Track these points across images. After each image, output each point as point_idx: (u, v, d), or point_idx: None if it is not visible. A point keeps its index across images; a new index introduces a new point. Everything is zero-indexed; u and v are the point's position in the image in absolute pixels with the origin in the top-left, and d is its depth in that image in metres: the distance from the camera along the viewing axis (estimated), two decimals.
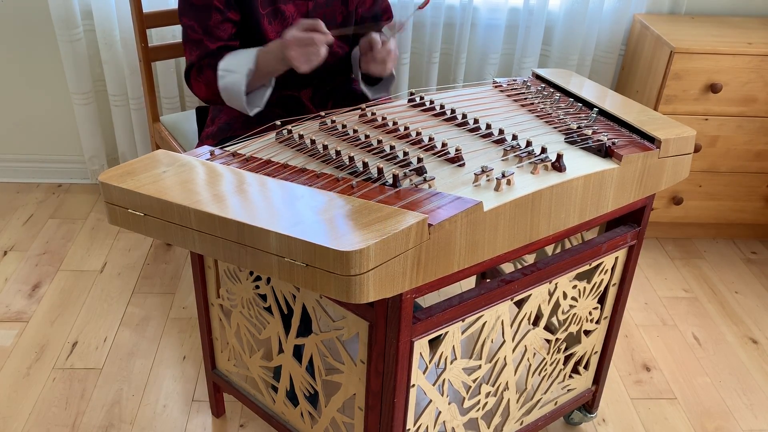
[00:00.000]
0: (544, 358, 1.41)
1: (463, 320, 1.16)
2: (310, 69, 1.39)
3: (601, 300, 1.46)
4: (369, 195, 1.03)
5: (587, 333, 1.47)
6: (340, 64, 1.67)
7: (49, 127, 2.50)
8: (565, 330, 1.41)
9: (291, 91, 1.65)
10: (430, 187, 1.07)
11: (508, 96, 1.46)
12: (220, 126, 1.64)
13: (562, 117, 1.35)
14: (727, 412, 1.75)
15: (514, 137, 1.23)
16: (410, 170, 1.10)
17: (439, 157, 1.17)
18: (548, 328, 1.56)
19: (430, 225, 0.96)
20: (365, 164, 1.10)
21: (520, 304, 1.27)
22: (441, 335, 1.15)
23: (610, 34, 2.33)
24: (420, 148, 1.21)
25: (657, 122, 1.31)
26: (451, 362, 1.21)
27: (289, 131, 1.25)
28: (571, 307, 1.38)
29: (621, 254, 1.40)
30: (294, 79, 1.58)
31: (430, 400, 1.23)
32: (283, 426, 1.43)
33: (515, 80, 1.54)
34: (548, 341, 1.39)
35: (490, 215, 1.04)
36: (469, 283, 2.11)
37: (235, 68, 1.44)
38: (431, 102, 1.40)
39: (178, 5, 1.53)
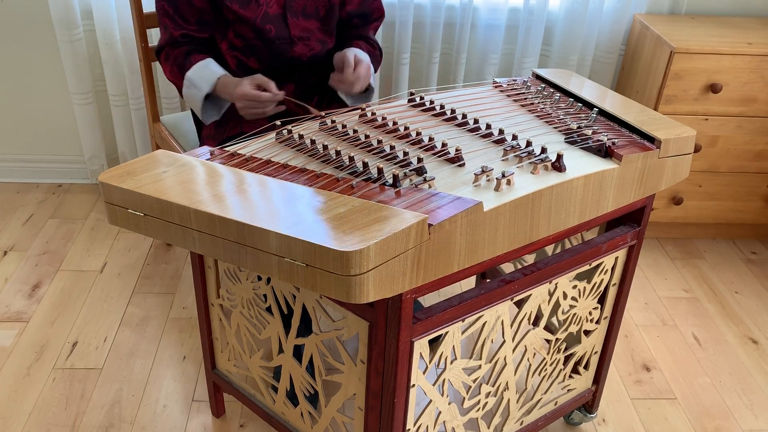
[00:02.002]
0: (544, 358, 1.41)
1: (463, 320, 1.16)
2: (254, 119, 1.53)
3: (601, 300, 1.46)
4: (369, 195, 1.03)
5: (587, 333, 1.47)
6: (321, 59, 1.65)
7: (49, 127, 2.50)
8: (565, 330, 1.41)
9: None
10: (430, 187, 1.07)
11: (508, 96, 1.46)
12: (215, 125, 1.65)
13: (562, 117, 1.35)
14: (727, 412, 1.75)
15: (514, 137, 1.23)
16: (410, 170, 1.10)
17: (439, 157, 1.17)
18: (548, 328, 1.56)
19: (430, 225, 0.96)
20: (365, 164, 1.10)
21: (520, 304, 1.27)
22: (441, 335, 1.15)
23: (610, 34, 2.33)
24: (420, 148, 1.21)
25: (657, 122, 1.31)
26: (451, 362, 1.21)
27: (289, 131, 1.25)
28: (571, 307, 1.38)
29: (621, 254, 1.40)
30: (274, 76, 1.58)
31: (430, 400, 1.23)
32: (283, 426, 1.43)
33: (515, 80, 1.54)
34: (548, 341, 1.39)
35: (490, 215, 1.04)
36: (469, 283, 2.11)
37: (197, 85, 1.55)
38: (431, 102, 1.40)
39: None
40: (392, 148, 1.18)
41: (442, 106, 1.38)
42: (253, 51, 1.58)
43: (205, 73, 1.55)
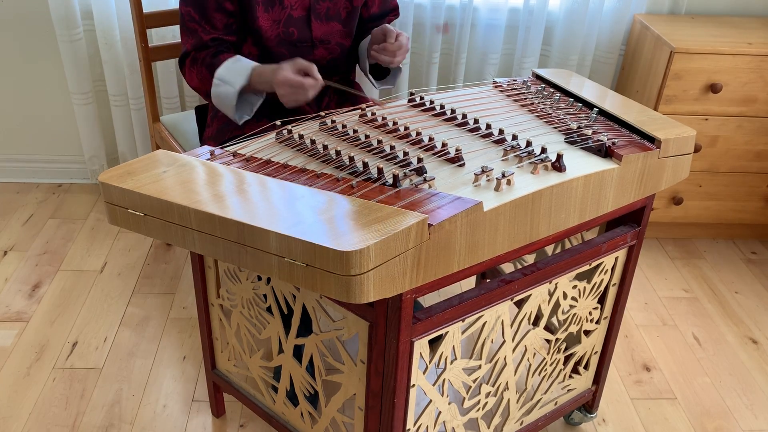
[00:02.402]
0: (544, 358, 1.41)
1: (463, 320, 1.16)
2: (296, 106, 1.44)
3: (601, 300, 1.46)
4: (369, 195, 1.03)
5: (587, 333, 1.47)
6: (337, 62, 1.66)
7: (49, 127, 2.50)
8: (565, 330, 1.41)
9: None
10: (430, 187, 1.07)
11: (508, 96, 1.46)
12: (220, 127, 1.64)
13: (562, 117, 1.35)
14: (727, 412, 1.75)
15: (514, 137, 1.23)
16: (410, 170, 1.10)
17: (439, 157, 1.17)
18: (548, 328, 1.56)
19: (430, 225, 0.96)
20: (365, 164, 1.10)
21: (520, 304, 1.27)
22: (441, 335, 1.15)
23: (610, 34, 2.33)
24: (420, 148, 1.21)
25: (657, 122, 1.31)
26: (451, 362, 1.21)
27: (289, 131, 1.25)
28: (571, 307, 1.38)
29: (621, 254, 1.40)
30: None
31: (430, 400, 1.23)
32: (283, 426, 1.43)
33: (515, 80, 1.54)
34: (548, 341, 1.39)
35: (490, 215, 1.04)
36: (469, 283, 2.11)
37: (230, 81, 1.47)
38: (431, 102, 1.40)
39: None
40: (392, 148, 1.18)
41: (442, 106, 1.38)
42: (270, 58, 1.57)
43: (237, 66, 1.48)
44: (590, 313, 1.44)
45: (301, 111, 1.66)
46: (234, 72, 1.47)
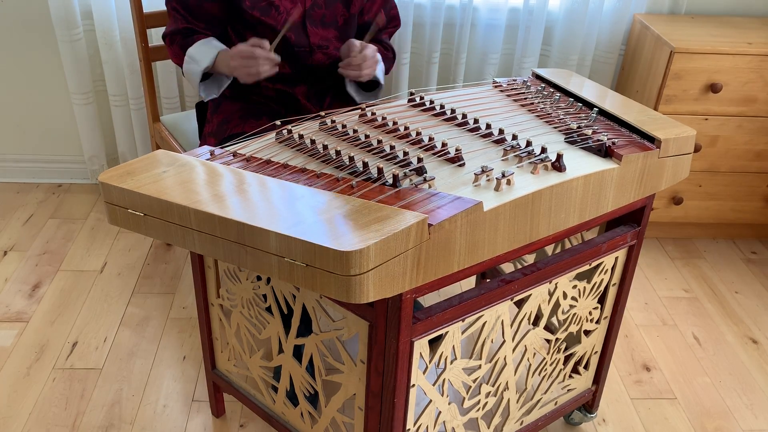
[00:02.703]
0: (544, 358, 1.41)
1: (463, 320, 1.16)
2: (251, 81, 1.50)
3: (601, 300, 1.46)
4: (369, 195, 1.03)
5: (587, 333, 1.47)
6: (336, 65, 1.66)
7: (49, 127, 2.50)
8: (565, 330, 1.41)
9: (284, 87, 1.65)
10: (430, 187, 1.07)
11: (508, 96, 1.46)
12: (219, 123, 1.64)
13: (562, 117, 1.35)
14: (727, 412, 1.75)
15: (514, 137, 1.23)
16: (410, 170, 1.10)
17: (439, 157, 1.17)
18: (548, 328, 1.56)
19: (430, 225, 0.96)
20: (365, 164, 1.10)
21: (520, 304, 1.27)
22: (441, 335, 1.15)
23: (610, 34, 2.33)
24: (420, 148, 1.21)
25: (657, 122, 1.31)
26: (451, 362, 1.21)
27: (289, 131, 1.25)
28: (571, 307, 1.38)
29: (621, 254, 1.40)
30: (286, 75, 1.58)
31: (430, 400, 1.23)
32: (283, 426, 1.43)
33: (515, 80, 1.54)
34: (548, 341, 1.39)
35: (490, 215, 1.04)
36: (469, 283, 2.11)
37: (198, 60, 1.56)
38: (431, 102, 1.40)
39: None
40: (392, 148, 1.18)
41: (442, 106, 1.38)
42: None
43: (206, 48, 1.56)
44: (590, 313, 1.44)
45: (301, 111, 1.66)
46: (202, 53, 1.56)
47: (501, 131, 1.25)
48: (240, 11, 1.55)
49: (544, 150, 1.18)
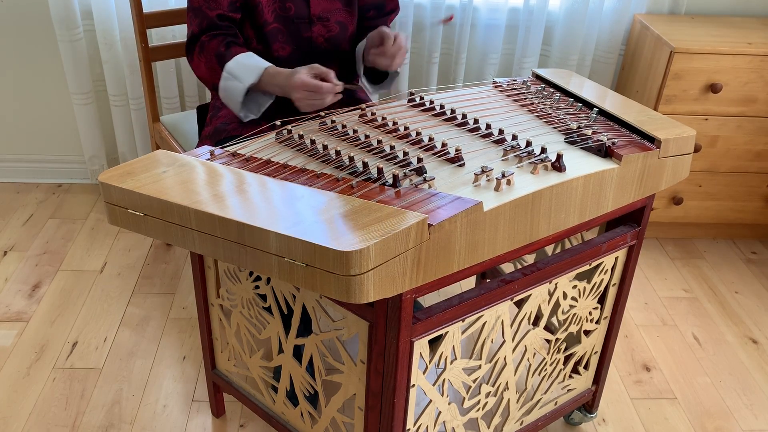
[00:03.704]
0: (544, 358, 1.41)
1: (463, 320, 1.16)
2: (310, 110, 1.40)
3: (601, 300, 1.46)
4: (369, 195, 1.03)
5: (587, 333, 1.47)
6: (338, 41, 1.63)
7: (49, 127, 2.50)
8: (565, 330, 1.41)
9: None
10: (430, 187, 1.07)
11: (508, 96, 1.46)
12: (217, 126, 1.64)
13: (562, 117, 1.35)
14: (727, 412, 1.75)
15: (514, 137, 1.23)
16: (410, 170, 1.10)
17: (439, 157, 1.17)
18: (548, 328, 1.56)
19: (430, 225, 0.96)
20: (365, 164, 1.10)
21: (520, 304, 1.27)
22: (441, 335, 1.15)
23: (610, 34, 2.33)
24: (420, 148, 1.21)
25: (657, 122, 1.31)
26: (451, 362, 1.21)
27: (289, 131, 1.25)
28: (571, 307, 1.38)
29: (621, 254, 1.40)
30: (283, 58, 1.56)
31: (430, 400, 1.23)
32: (283, 426, 1.43)
33: (515, 80, 1.54)
34: (548, 341, 1.39)
35: (490, 215, 1.04)
36: (469, 283, 2.11)
37: (239, 76, 1.45)
38: (431, 102, 1.40)
39: None
40: (392, 148, 1.18)
41: (442, 106, 1.38)
42: (265, 37, 1.55)
43: (249, 63, 1.45)
44: (590, 313, 1.44)
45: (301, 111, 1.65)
46: (245, 68, 1.45)
47: (501, 131, 1.25)
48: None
49: (544, 150, 1.18)
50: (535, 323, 1.33)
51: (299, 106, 1.39)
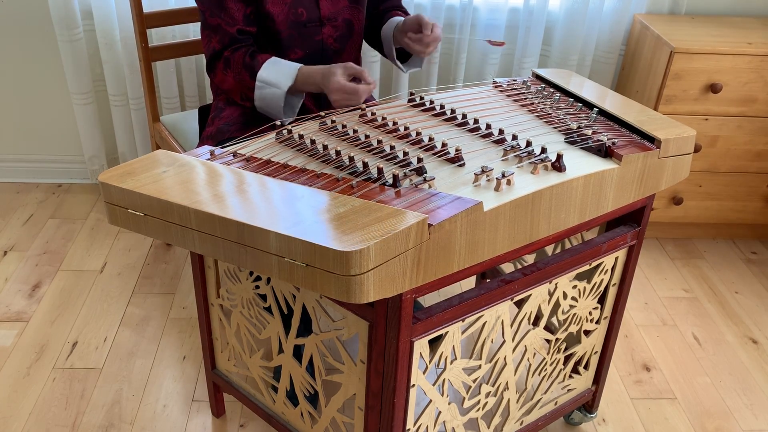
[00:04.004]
0: (544, 358, 1.41)
1: (463, 320, 1.16)
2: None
3: (601, 300, 1.46)
4: (369, 195, 1.03)
5: (587, 333, 1.47)
6: (343, 38, 1.64)
7: (49, 127, 2.50)
8: (565, 330, 1.41)
9: None
10: (430, 187, 1.07)
11: (508, 96, 1.46)
12: (219, 127, 1.64)
13: (562, 117, 1.35)
14: (727, 412, 1.75)
15: (514, 137, 1.23)
16: (410, 170, 1.10)
17: (439, 157, 1.17)
18: (548, 328, 1.57)
19: (430, 225, 0.96)
20: (365, 164, 1.10)
21: (520, 304, 1.27)
22: (441, 335, 1.15)
23: (610, 34, 2.33)
24: (420, 148, 1.21)
25: (657, 122, 1.31)
26: (451, 362, 1.21)
27: (289, 131, 1.25)
28: (571, 307, 1.38)
29: (621, 254, 1.40)
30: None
31: (430, 400, 1.23)
32: (283, 426, 1.43)
33: (515, 80, 1.54)
34: (548, 341, 1.39)
35: (490, 215, 1.04)
36: (469, 283, 2.11)
37: (275, 83, 1.47)
38: (431, 102, 1.40)
39: None
40: (392, 148, 1.18)
41: (442, 106, 1.38)
42: (279, 43, 1.56)
43: (280, 68, 1.47)
44: (590, 313, 1.44)
45: (302, 110, 1.65)
46: (278, 73, 1.47)
47: (501, 131, 1.25)
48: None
49: (544, 150, 1.18)
50: (535, 323, 1.33)
51: (336, 105, 1.43)
